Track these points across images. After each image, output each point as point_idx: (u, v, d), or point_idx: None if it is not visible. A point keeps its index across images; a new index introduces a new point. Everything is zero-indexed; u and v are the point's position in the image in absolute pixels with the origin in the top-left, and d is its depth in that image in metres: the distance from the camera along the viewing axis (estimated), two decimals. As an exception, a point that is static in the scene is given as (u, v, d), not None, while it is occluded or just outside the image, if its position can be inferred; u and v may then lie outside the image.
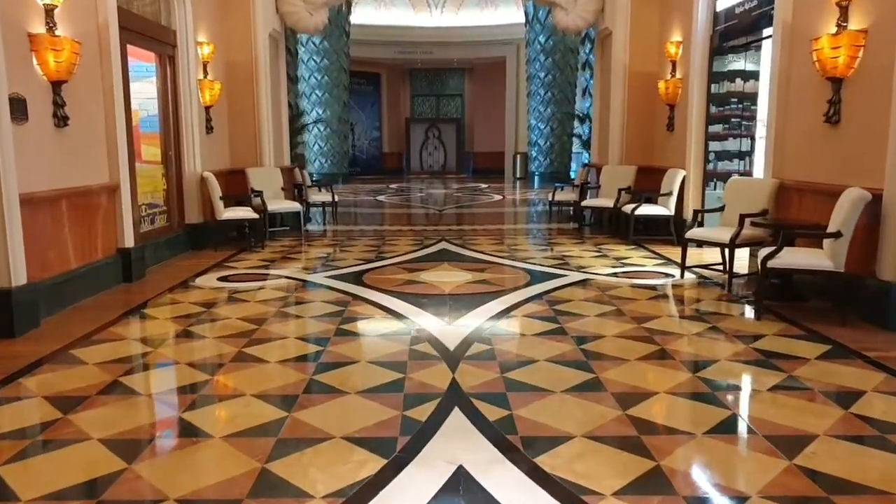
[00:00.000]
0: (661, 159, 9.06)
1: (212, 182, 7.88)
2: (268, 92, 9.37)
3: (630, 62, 9.30)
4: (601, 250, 7.79)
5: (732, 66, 8.46)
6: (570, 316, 4.87)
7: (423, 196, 16.41)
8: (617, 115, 9.44)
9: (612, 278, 6.22)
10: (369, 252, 7.78)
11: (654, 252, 7.61)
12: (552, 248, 8.07)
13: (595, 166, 10.42)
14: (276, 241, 8.68)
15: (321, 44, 19.46)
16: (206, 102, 8.34)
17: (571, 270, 6.59)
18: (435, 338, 4.29)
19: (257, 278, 6.35)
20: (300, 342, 4.27)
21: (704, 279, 6.16)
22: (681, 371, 3.70)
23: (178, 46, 7.60)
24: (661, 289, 5.86)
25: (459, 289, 5.77)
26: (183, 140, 7.80)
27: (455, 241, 8.58)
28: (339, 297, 5.48)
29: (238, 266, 6.96)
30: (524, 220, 11.72)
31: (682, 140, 8.25)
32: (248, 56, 9.19)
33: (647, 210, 8.15)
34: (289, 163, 10.58)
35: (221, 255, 7.61)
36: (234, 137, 9.35)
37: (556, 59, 19.40)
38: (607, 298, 5.38)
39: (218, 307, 5.22)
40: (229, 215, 7.95)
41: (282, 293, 5.64)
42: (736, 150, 8.84)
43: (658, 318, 4.80)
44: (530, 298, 5.39)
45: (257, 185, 8.99)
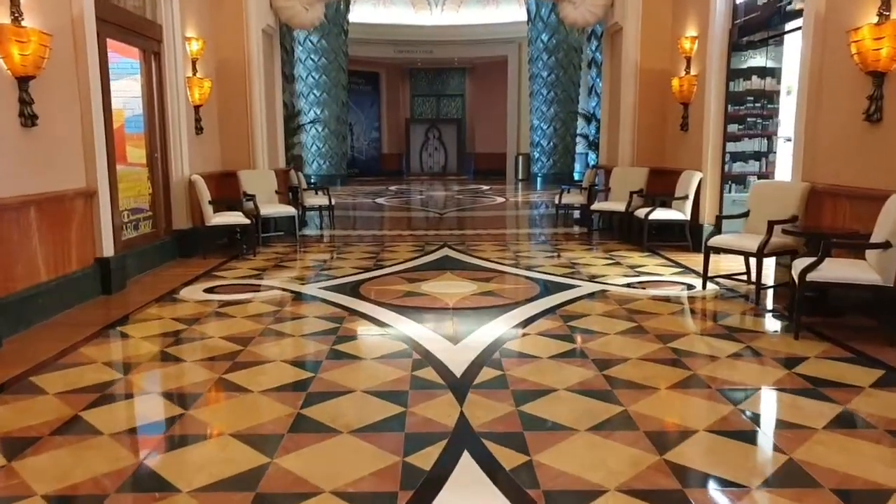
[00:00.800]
0: (674, 161, 8.62)
1: (200, 185, 7.44)
2: (261, 91, 8.93)
3: (641, 59, 8.86)
4: (613, 257, 7.35)
5: (748, 63, 8.02)
6: (588, 334, 4.42)
7: (423, 198, 15.97)
8: (627, 115, 9.00)
9: (629, 289, 5.77)
10: (367, 259, 7.34)
11: (670, 259, 7.17)
12: (561, 254, 7.62)
13: (603, 168, 9.97)
14: (269, 248, 8.23)
15: (319, 42, 19.05)
16: (196, 101, 7.90)
17: (584, 280, 6.15)
18: (439, 361, 3.85)
19: (247, 290, 5.91)
20: (289, 367, 3.82)
21: (728, 290, 5.71)
22: (719, 402, 3.25)
23: (164, 42, 7.16)
24: (682, 301, 5.42)
25: (464, 302, 5.32)
26: (170, 141, 7.36)
27: (457, 246, 8.14)
28: (333, 312, 5.03)
29: (227, 276, 6.52)
30: (529, 224, 11.27)
31: (698, 141, 7.81)
32: (241, 53, 8.74)
33: (661, 214, 7.71)
34: (284, 165, 10.14)
35: (211, 263, 7.17)
36: (225, 138, 8.91)
37: (559, 57, 18.98)
38: (626, 313, 4.94)
39: (202, 324, 4.77)
40: (219, 221, 7.50)
41: (272, 307, 5.19)
42: (752, 150, 8.41)
43: (685, 337, 4.36)
44: (542, 313, 4.94)
45: (250, 188, 8.54)
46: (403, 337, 4.36)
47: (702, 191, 7.68)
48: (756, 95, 8.21)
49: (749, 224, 5.81)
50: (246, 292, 5.81)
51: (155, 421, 3.16)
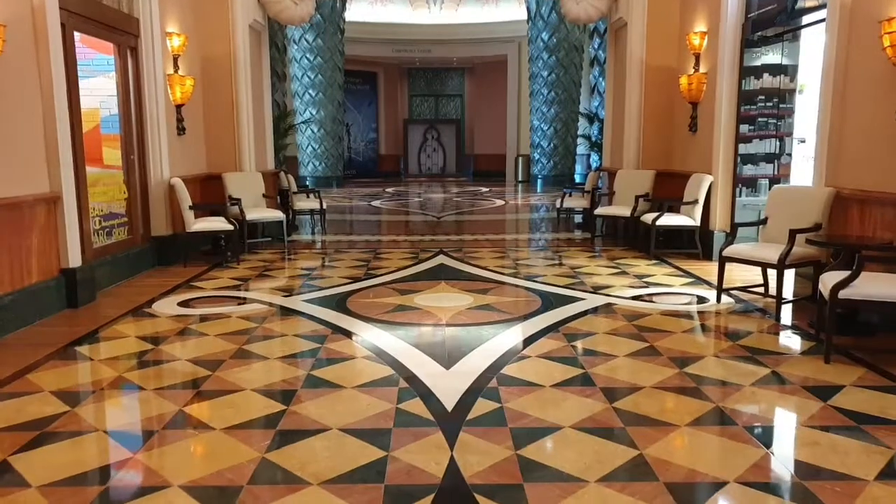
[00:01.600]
0: (682, 163, 8.19)
1: (180, 189, 7.01)
2: (248, 89, 8.50)
3: (647, 56, 8.44)
4: (618, 266, 6.92)
5: (760, 60, 7.59)
6: (595, 356, 3.99)
7: (420, 201, 15.54)
8: (633, 115, 8.58)
9: (637, 302, 5.34)
10: (358, 268, 6.91)
11: (679, 268, 6.74)
12: (563, 262, 7.19)
13: (607, 170, 9.55)
14: (255, 255, 7.80)
15: (314, 41, 18.63)
16: (177, 100, 7.46)
17: (588, 292, 5.72)
18: (428, 390, 3.42)
19: (225, 302, 5.48)
20: (259, 397, 3.38)
21: (744, 304, 5.28)
22: (749, 446, 2.82)
23: (141, 37, 6.73)
24: (696, 317, 4.98)
25: (459, 317, 4.89)
26: (148, 142, 6.93)
27: (454, 253, 7.71)
28: (315, 330, 4.60)
29: (206, 286, 6.09)
30: (529, 229, 10.84)
31: (708, 142, 7.38)
32: (226, 49, 8.31)
33: (669, 220, 7.27)
34: (273, 166, 9.71)
35: (191, 271, 6.74)
36: (211, 139, 8.48)
37: (559, 56, 18.55)
38: (636, 331, 4.51)
39: (170, 343, 4.34)
40: (200, 227, 7.07)
41: (249, 324, 4.76)
42: (763, 153, 7.98)
43: (702, 360, 3.93)
44: (544, 331, 4.51)
45: (235, 191, 8.12)
46: (390, 359, 3.93)
47: (712, 195, 7.25)
48: (768, 94, 7.78)
49: (767, 232, 5.39)
50: (224, 305, 5.39)
51: (95, 468, 2.72)
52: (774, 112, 7.76)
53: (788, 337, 4.52)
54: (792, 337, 4.52)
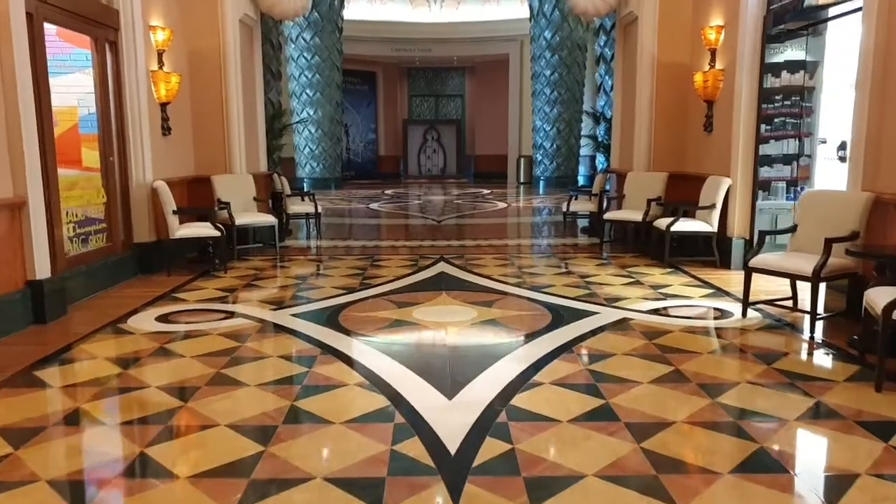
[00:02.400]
0: (696, 165, 7.76)
1: (163, 193, 6.57)
2: (239, 87, 8.06)
3: (659, 52, 8.00)
4: (631, 275, 6.48)
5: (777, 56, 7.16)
6: (616, 383, 3.55)
7: (420, 203, 15.11)
8: (643, 114, 8.14)
9: (655, 317, 4.91)
10: (353, 276, 6.47)
11: (696, 278, 6.30)
12: (571, 270, 6.76)
13: (615, 172, 9.12)
14: (244, 262, 7.37)
15: (312, 40, 18.21)
16: (162, 98, 7.04)
17: (602, 304, 5.29)
18: (429, 427, 2.98)
19: (207, 317, 5.05)
20: (234, 435, 2.95)
21: (773, 319, 4.84)
22: (806, 499, 2.39)
23: (121, 30, 6.30)
24: (722, 334, 4.54)
25: (462, 335, 4.46)
26: (129, 143, 6.49)
27: (455, 260, 7.27)
28: (303, 350, 4.17)
29: (189, 298, 5.65)
30: (534, 234, 10.40)
31: (725, 143, 6.95)
32: (215, 45, 7.87)
33: (685, 226, 6.84)
34: (266, 168, 9.28)
35: (174, 281, 6.31)
36: (199, 140, 8.04)
37: (562, 55, 18.12)
38: (657, 351, 4.07)
39: (141, 366, 3.91)
40: (185, 233, 6.64)
41: (230, 343, 4.32)
42: (780, 154, 7.55)
43: (735, 387, 3.50)
44: (556, 351, 4.08)
45: (225, 194, 7.69)
46: (385, 387, 3.49)
47: (730, 199, 6.81)
48: (786, 93, 7.35)
49: (797, 241, 4.96)
50: (206, 320, 4.95)
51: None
52: (793, 111, 7.33)
53: (827, 359, 4.09)
54: (831, 359, 4.08)
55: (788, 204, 7.34)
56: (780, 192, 7.55)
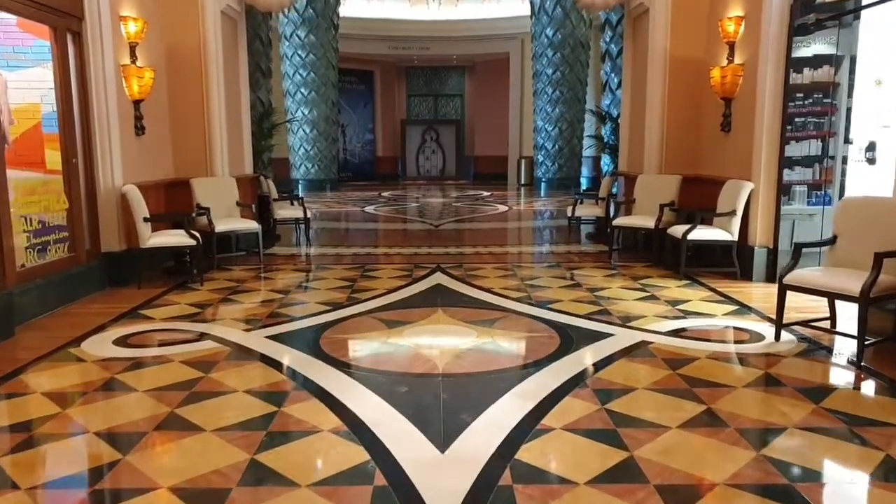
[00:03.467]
0: (711, 167, 7.20)
1: (133, 197, 6.02)
2: (221, 84, 7.51)
3: (672, 46, 7.45)
4: (645, 288, 5.93)
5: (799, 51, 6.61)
6: (640, 427, 2.99)
7: (417, 206, 14.55)
8: (654, 113, 7.58)
9: (678, 340, 4.35)
10: (341, 289, 5.92)
11: (716, 292, 5.74)
12: (580, 283, 6.20)
13: (623, 175, 8.56)
14: (224, 272, 6.81)
15: (306, 37, 17.67)
16: (135, 95, 6.48)
17: (615, 324, 4.73)
18: (416, 493, 2.42)
19: (173, 338, 4.49)
20: (175, 502, 2.39)
21: (809, 343, 4.29)
22: None
23: (86, 20, 5.75)
24: (755, 362, 3.98)
25: (459, 363, 3.90)
26: (96, 144, 5.94)
27: (453, 270, 6.72)
28: (274, 384, 3.61)
29: (158, 315, 5.10)
30: (538, 240, 9.84)
31: (745, 144, 6.40)
32: (195, 39, 7.33)
33: (703, 234, 6.28)
34: (252, 170, 8.73)
35: (145, 294, 5.75)
36: (178, 140, 7.49)
37: (564, 54, 17.58)
38: (684, 384, 3.52)
39: (84, 404, 3.35)
40: (157, 242, 6.08)
41: (193, 372, 3.76)
42: (800, 155, 6.99)
43: (782, 433, 2.94)
44: (568, 384, 3.52)
45: (205, 199, 7.14)
46: (366, 433, 2.93)
47: (752, 205, 6.26)
48: (809, 90, 6.79)
49: (836, 254, 4.40)
50: (170, 342, 4.40)
51: None
52: (815, 109, 6.78)
53: (887, 395, 3.53)
54: (889, 396, 3.52)
55: (810, 209, 6.80)
56: (800, 195, 7.00)
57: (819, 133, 6.91)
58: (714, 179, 6.97)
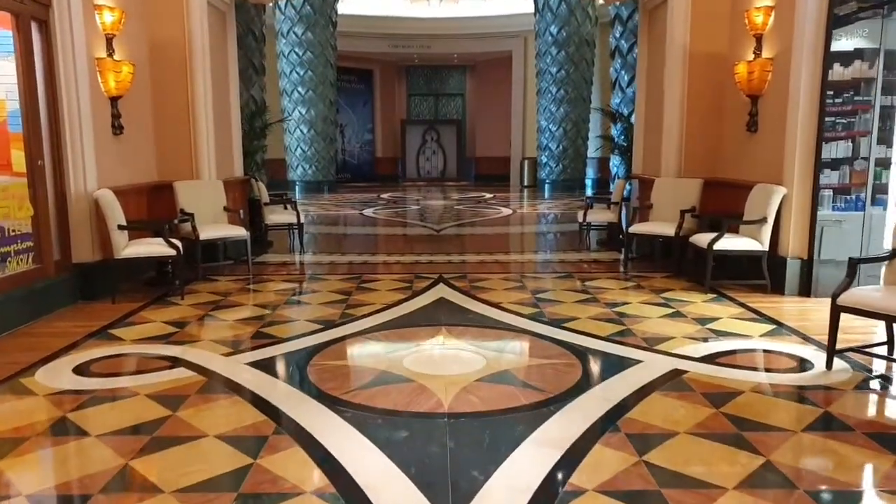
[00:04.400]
0: (735, 170, 6.68)
1: (107, 203, 5.49)
2: (207, 81, 6.99)
3: (692, 41, 6.93)
4: (668, 302, 5.40)
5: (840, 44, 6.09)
6: (687, 486, 2.47)
7: (418, 209, 14.02)
8: (673, 112, 7.06)
9: (714, 368, 3.82)
10: (334, 304, 5.39)
11: (748, 308, 5.22)
12: (596, 296, 5.67)
13: (638, 178, 8.04)
14: (210, 283, 6.29)
15: (304, 35, 17.16)
16: (112, 91, 5.96)
17: (641, 347, 4.20)
18: (419, 590, 1.90)
19: (142, 366, 3.97)
20: None
21: (866, 372, 3.76)
22: None
23: (53, 6, 5.23)
24: (810, 397, 3.45)
25: (467, 399, 3.37)
26: (66, 144, 5.41)
27: (457, 281, 6.20)
28: (251, 426, 3.08)
29: (129, 335, 4.57)
30: (546, 246, 9.31)
31: (775, 145, 5.88)
32: (180, 32, 6.82)
33: (731, 244, 5.75)
34: (242, 172, 8.21)
35: (119, 310, 5.23)
36: (162, 141, 6.98)
37: (569, 52, 17.08)
38: (732, 427, 2.99)
39: (20, 454, 2.82)
40: (132, 252, 5.55)
41: (158, 410, 3.23)
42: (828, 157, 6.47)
43: (861, 498, 2.41)
44: (596, 427, 3.00)
45: (190, 204, 6.62)
46: (356, 495, 2.41)
47: (784, 212, 5.73)
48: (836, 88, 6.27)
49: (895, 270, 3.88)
50: (137, 371, 3.88)
51: None
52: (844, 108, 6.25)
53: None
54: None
55: (836, 215, 6.28)
56: (827, 201, 6.48)
57: (849, 133, 6.38)
58: (738, 183, 6.45)
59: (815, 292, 5.58)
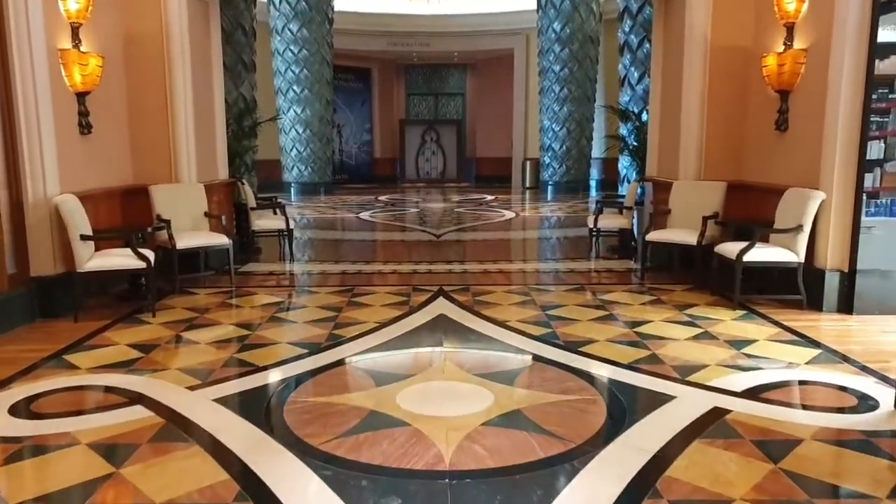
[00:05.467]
0: (760, 173, 6.13)
1: (68, 210, 4.91)
2: (188, 76, 6.44)
3: (714, 32, 6.37)
4: (694, 320, 4.85)
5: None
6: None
7: (417, 212, 13.46)
8: (693, 110, 6.49)
9: (761, 406, 3.26)
10: (322, 322, 4.83)
11: (785, 328, 4.66)
12: (613, 312, 5.11)
13: (652, 181, 7.48)
14: (187, 297, 5.73)
15: (299, 32, 16.61)
16: (78, 86, 5.41)
17: (672, 378, 3.64)
18: None
19: (94, 402, 3.41)
20: None
21: (941, 410, 3.21)
22: None
23: (5, -10, 4.68)
24: (887, 448, 2.88)
25: (473, 449, 2.80)
26: (22, 144, 4.85)
27: (459, 294, 5.64)
28: (208, 489, 2.50)
29: (87, 361, 4.01)
30: (554, 254, 8.72)
31: (810, 144, 5.32)
32: (157, 24, 6.28)
33: (763, 254, 5.19)
34: (228, 175, 7.65)
35: (80, 329, 4.67)
36: (138, 141, 6.44)
37: (573, 49, 16.53)
38: (801, 492, 2.43)
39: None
40: (96, 265, 4.99)
41: (98, 466, 2.67)
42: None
43: None
44: (631, 492, 2.44)
45: (167, 209, 6.07)
46: None
47: (820, 220, 5.17)
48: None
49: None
50: (86, 410, 3.32)
51: None
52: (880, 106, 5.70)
53: None
54: None
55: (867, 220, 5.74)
56: (857, 205, 5.90)
57: (882, 133, 5.82)
58: (765, 187, 5.90)
59: (858, 308, 5.02)
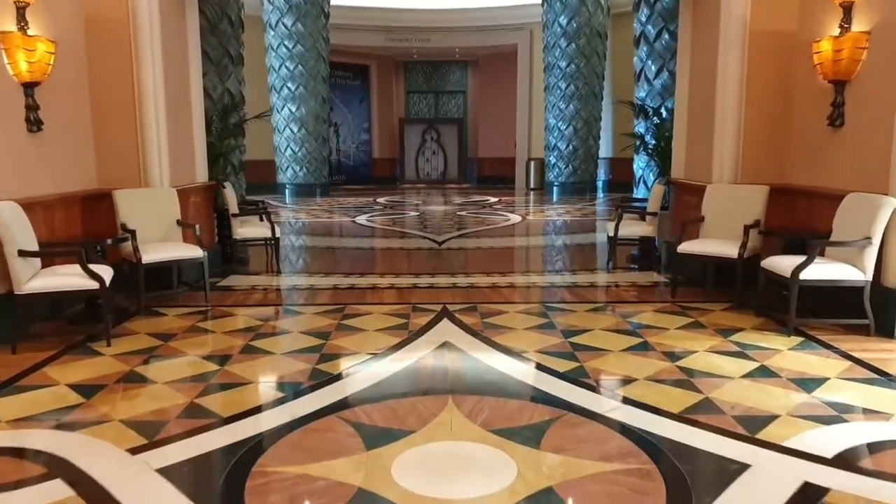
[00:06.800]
0: (811, 175, 5.38)
1: (3, 221, 4.16)
2: (159, 68, 5.71)
3: (753, 16, 5.63)
4: (745, 350, 4.09)
5: None
6: None
7: (417, 215, 12.71)
8: (729, 105, 5.74)
9: (864, 480, 2.52)
10: (305, 353, 4.08)
11: (857, 361, 3.90)
12: (647, 340, 4.35)
13: (681, 184, 6.73)
14: (153, 318, 4.98)
15: (293, 26, 15.86)
16: (23, 76, 4.66)
17: (737, 434, 2.88)
18: None
19: (2, 470, 2.67)
20: None
21: None
22: None
23: (-73, -40, 3.93)
24: None
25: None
26: (-50, 143, 4.12)
27: (465, 314, 4.90)
28: None
29: (13, 407, 3.27)
30: (568, 265, 7.91)
31: (875, 142, 4.57)
32: (122, 6, 5.55)
33: (822, 271, 4.42)
34: (208, 177, 6.91)
35: (17, 362, 3.94)
36: (102, 139, 5.71)
37: (580, 44, 15.81)
38: None
39: None
40: (38, 286, 4.23)
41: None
42: None
43: None
44: None
45: (133, 218, 5.33)
46: None
47: (890, 231, 4.42)
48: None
49: None
50: (-10, 486, 2.57)
51: None
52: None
53: None
54: None
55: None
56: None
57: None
58: (815, 191, 5.18)
59: (937, 336, 4.28)
